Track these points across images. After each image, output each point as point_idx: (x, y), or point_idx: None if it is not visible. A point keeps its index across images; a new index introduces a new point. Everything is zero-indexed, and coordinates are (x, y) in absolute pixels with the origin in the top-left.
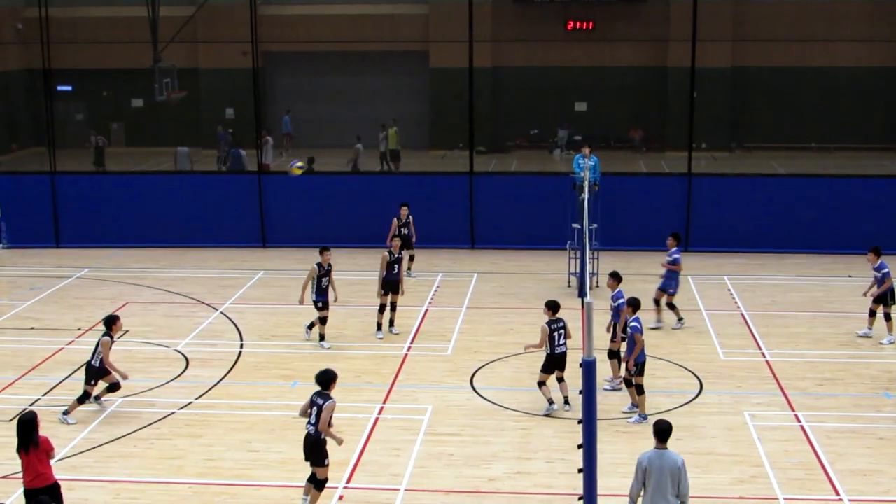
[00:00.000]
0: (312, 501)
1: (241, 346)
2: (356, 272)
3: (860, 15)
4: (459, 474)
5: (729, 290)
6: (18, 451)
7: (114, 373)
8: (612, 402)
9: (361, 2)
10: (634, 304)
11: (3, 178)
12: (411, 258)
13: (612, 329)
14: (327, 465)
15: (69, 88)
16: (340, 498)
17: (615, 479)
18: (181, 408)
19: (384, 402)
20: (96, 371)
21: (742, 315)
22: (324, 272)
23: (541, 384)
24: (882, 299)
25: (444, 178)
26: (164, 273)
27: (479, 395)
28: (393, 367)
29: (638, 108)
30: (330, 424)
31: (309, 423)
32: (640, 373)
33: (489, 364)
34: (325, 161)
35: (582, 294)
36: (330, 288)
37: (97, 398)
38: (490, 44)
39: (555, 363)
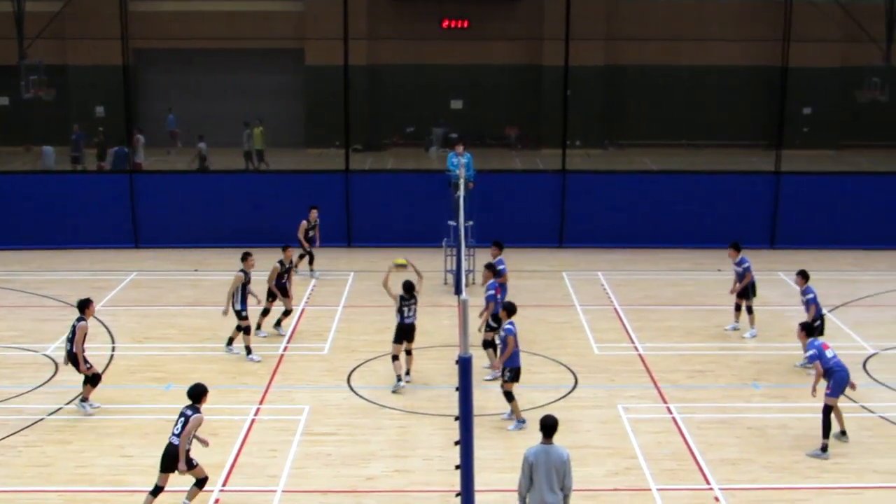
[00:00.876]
0: (192, 496)
1: (113, 349)
2: (232, 272)
3: (729, 15)
4: (337, 474)
5: (603, 285)
6: None
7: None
8: (488, 398)
9: None
10: (509, 309)
11: None
12: (311, 258)
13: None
14: (197, 465)
15: None
16: (216, 501)
17: (492, 474)
18: (50, 413)
19: (260, 403)
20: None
21: (615, 310)
22: (248, 279)
23: (394, 358)
24: (744, 293)
25: (321, 176)
26: (34, 276)
27: (357, 393)
28: (269, 368)
29: (513, 105)
30: (191, 438)
31: (173, 433)
32: (514, 379)
33: (366, 363)
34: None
35: (458, 291)
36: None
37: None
38: (366, 42)
39: (404, 333)
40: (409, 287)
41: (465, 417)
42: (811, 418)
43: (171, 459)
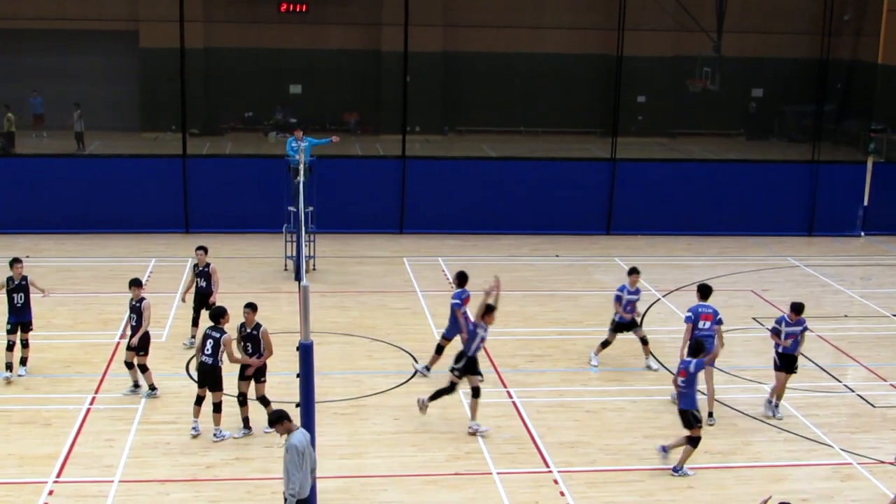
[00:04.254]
0: (217, 422)
1: None
2: (64, 258)
3: (566, 3)
4: (176, 463)
5: (443, 270)
6: None
7: None
8: (328, 385)
9: None
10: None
11: None
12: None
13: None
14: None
15: None
16: (51, 493)
17: (334, 461)
18: None
19: (96, 392)
20: None
21: None
22: (13, 286)
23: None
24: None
25: (157, 160)
26: None
27: (195, 381)
28: (105, 356)
29: (353, 91)
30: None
31: (205, 354)
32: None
33: None
34: (27, 143)
35: (298, 277)
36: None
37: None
38: (202, 24)
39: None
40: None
41: (307, 404)
42: (646, 401)
43: (207, 375)
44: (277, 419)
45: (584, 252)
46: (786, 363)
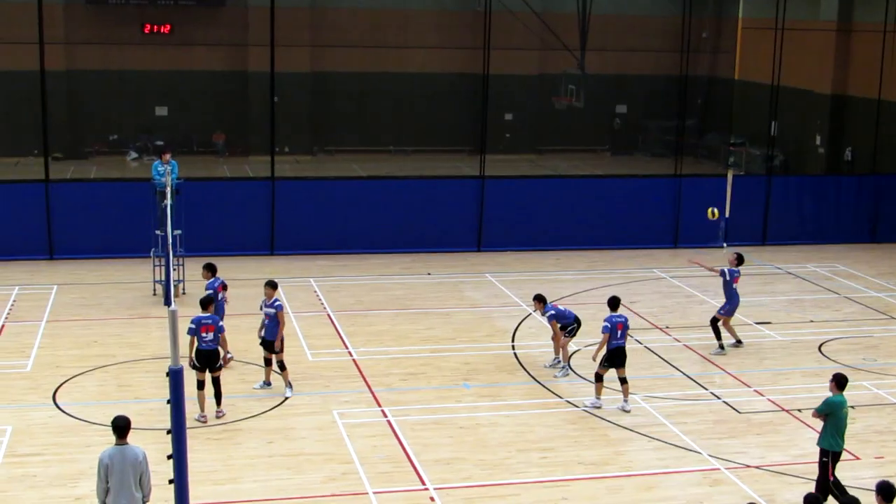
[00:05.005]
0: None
1: None
2: None
3: (432, 23)
4: (44, 495)
5: (315, 291)
6: None
7: None
8: (192, 410)
9: None
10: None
11: None
12: None
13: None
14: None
15: None
16: None
17: (208, 486)
18: None
19: None
20: None
21: (329, 315)
22: None
23: None
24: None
25: (18, 186)
26: None
27: (63, 411)
28: None
29: (220, 112)
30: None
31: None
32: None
33: (73, 378)
34: None
35: (168, 302)
36: None
37: None
38: (63, 46)
39: None
40: None
41: (178, 430)
42: (520, 415)
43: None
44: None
45: (455, 269)
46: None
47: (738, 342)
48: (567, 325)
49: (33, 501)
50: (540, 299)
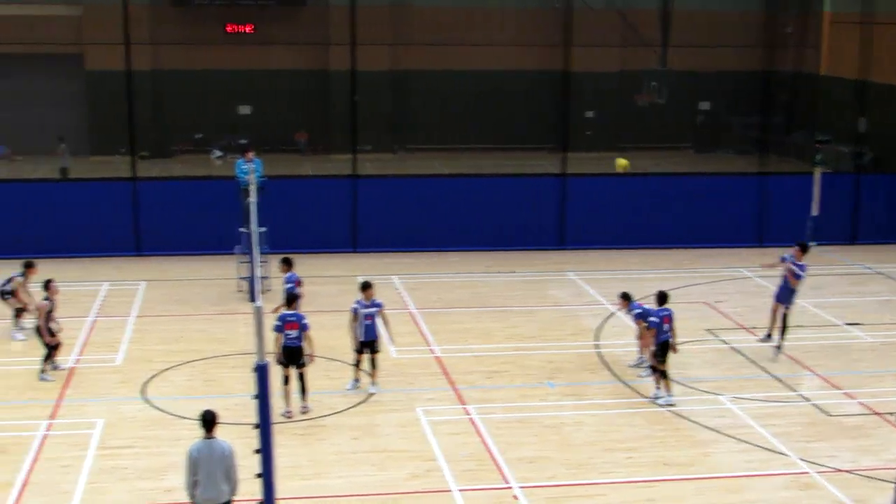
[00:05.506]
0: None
1: None
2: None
3: (513, 21)
4: (134, 487)
5: (397, 289)
6: None
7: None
8: (278, 405)
9: (10, 2)
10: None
11: None
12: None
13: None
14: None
15: None
16: None
17: (294, 482)
18: None
19: (52, 418)
20: None
21: (411, 313)
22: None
23: None
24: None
25: (107, 184)
26: None
27: (152, 405)
28: (59, 381)
29: (302, 111)
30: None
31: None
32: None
33: (161, 373)
34: None
35: (253, 299)
36: None
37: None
38: (150, 46)
39: None
40: None
41: (265, 425)
42: (605, 415)
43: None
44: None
45: (537, 267)
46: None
47: (768, 336)
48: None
49: (123, 493)
50: (625, 297)
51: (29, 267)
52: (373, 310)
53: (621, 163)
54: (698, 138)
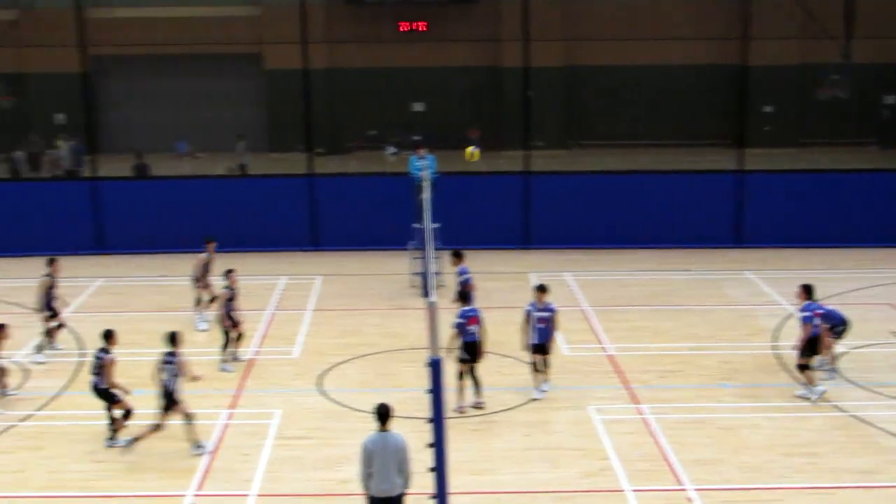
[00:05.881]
0: (119, 425)
1: (82, 355)
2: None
3: (688, 13)
4: (310, 477)
5: (570, 286)
6: None
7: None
8: (451, 400)
9: (192, 4)
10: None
11: None
12: (212, 299)
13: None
14: (121, 400)
15: None
16: None
17: (466, 476)
18: (22, 420)
19: (232, 408)
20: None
21: (583, 311)
22: (52, 283)
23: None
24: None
25: (284, 180)
26: None
27: (327, 397)
28: (239, 372)
29: (474, 107)
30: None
31: (93, 373)
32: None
33: (337, 366)
34: (163, 165)
35: (426, 294)
36: (57, 299)
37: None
38: (325, 45)
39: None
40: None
41: (438, 420)
42: (782, 417)
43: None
44: None
45: (713, 265)
46: None
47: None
48: (834, 325)
49: (300, 483)
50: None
51: (209, 241)
52: (545, 314)
53: (472, 152)
54: (883, 133)
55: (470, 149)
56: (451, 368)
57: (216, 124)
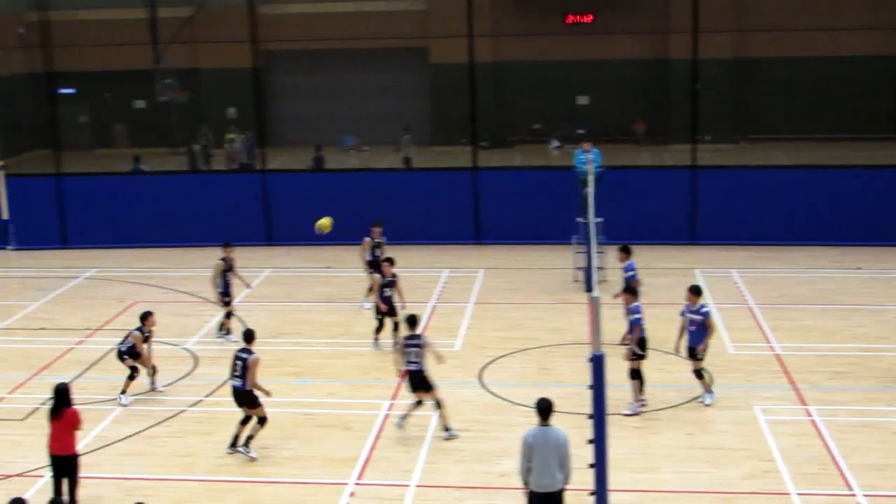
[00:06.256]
0: (255, 431)
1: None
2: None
3: (862, 3)
4: (470, 470)
5: (736, 283)
6: (49, 417)
7: (145, 365)
8: (621, 396)
9: None
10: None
11: (10, 180)
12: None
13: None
14: (261, 405)
15: (72, 91)
16: (352, 494)
17: (626, 474)
18: (191, 405)
19: (393, 399)
20: (124, 354)
21: (750, 309)
22: (227, 267)
23: (417, 403)
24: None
25: (448, 173)
26: (171, 272)
27: (488, 390)
28: (402, 364)
29: (640, 100)
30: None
31: (234, 376)
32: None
33: (497, 359)
34: (329, 158)
35: (589, 289)
36: (235, 282)
37: (152, 386)
38: (491, 39)
39: (411, 383)
40: (412, 321)
41: (599, 416)
42: None
43: (245, 397)
44: None
45: (887, 264)
46: None
47: None
48: None
49: (460, 475)
50: None
51: (376, 225)
52: (697, 317)
53: (323, 224)
54: None
55: (323, 221)
56: (612, 365)
57: (381, 118)
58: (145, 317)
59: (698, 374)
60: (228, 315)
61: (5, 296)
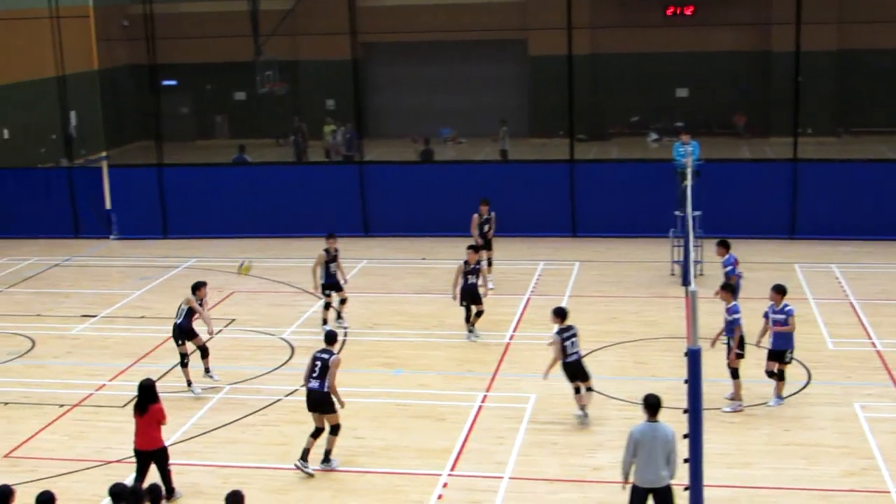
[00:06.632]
0: (331, 444)
1: (346, 333)
2: (458, 261)
3: None
4: (564, 463)
5: (837, 278)
6: (134, 412)
7: (205, 325)
8: (717, 391)
9: None
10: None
11: (112, 171)
12: (489, 262)
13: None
14: (337, 411)
15: (174, 83)
16: (445, 485)
17: (721, 469)
18: (287, 395)
19: (487, 391)
20: (181, 329)
21: (851, 304)
22: (330, 257)
23: (576, 391)
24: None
25: (545, 166)
26: (269, 262)
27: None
28: (496, 356)
29: (740, 93)
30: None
31: (312, 377)
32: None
33: (592, 353)
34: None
35: (686, 282)
36: (338, 273)
37: (207, 371)
38: (589, 31)
39: (570, 372)
40: (562, 314)
41: (695, 410)
42: None
43: (321, 401)
44: None
45: None
46: None
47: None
48: None
49: (554, 467)
50: None
51: (483, 203)
52: (780, 316)
53: (245, 267)
54: None
55: (244, 265)
56: (718, 360)
57: (479, 110)
58: (197, 287)
59: (771, 374)
60: (327, 306)
61: (107, 284)
